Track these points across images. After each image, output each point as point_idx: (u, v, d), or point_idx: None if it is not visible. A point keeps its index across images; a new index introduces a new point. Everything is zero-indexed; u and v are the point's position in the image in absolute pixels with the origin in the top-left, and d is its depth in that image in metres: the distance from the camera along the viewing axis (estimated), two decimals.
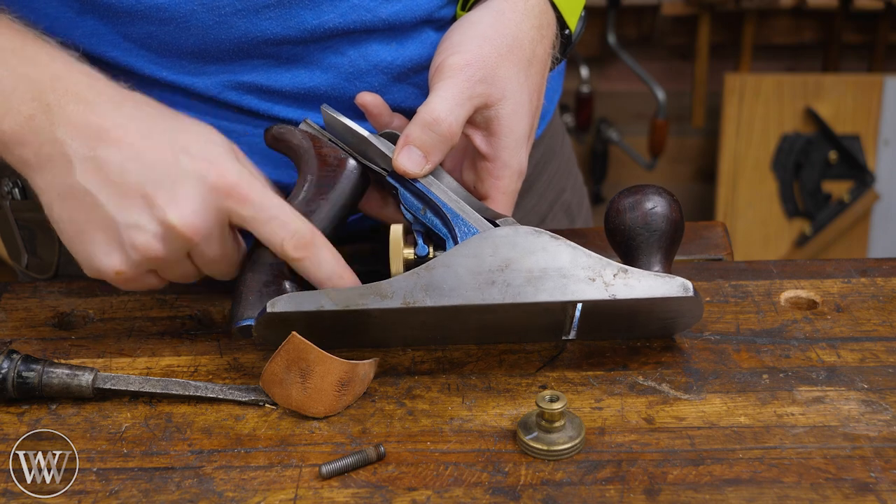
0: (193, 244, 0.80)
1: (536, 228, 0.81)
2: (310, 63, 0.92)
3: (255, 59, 0.91)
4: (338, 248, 0.89)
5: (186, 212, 0.78)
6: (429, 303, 0.80)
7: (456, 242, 0.83)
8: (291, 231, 0.81)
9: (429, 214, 0.85)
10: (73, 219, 0.80)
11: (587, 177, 3.11)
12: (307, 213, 0.85)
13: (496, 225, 0.84)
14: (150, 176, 0.79)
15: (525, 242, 0.80)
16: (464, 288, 0.80)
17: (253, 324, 0.83)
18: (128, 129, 0.80)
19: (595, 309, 0.82)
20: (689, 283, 0.80)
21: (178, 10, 0.86)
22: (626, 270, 0.80)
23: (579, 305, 0.82)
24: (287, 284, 0.84)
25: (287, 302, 0.80)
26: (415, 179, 0.85)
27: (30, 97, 0.80)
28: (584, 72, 2.97)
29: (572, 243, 0.80)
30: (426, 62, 0.94)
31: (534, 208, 1.17)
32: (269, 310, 0.80)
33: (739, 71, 2.90)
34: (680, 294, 0.79)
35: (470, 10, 0.93)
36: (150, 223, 0.79)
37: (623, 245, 0.84)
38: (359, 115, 0.92)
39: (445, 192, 0.85)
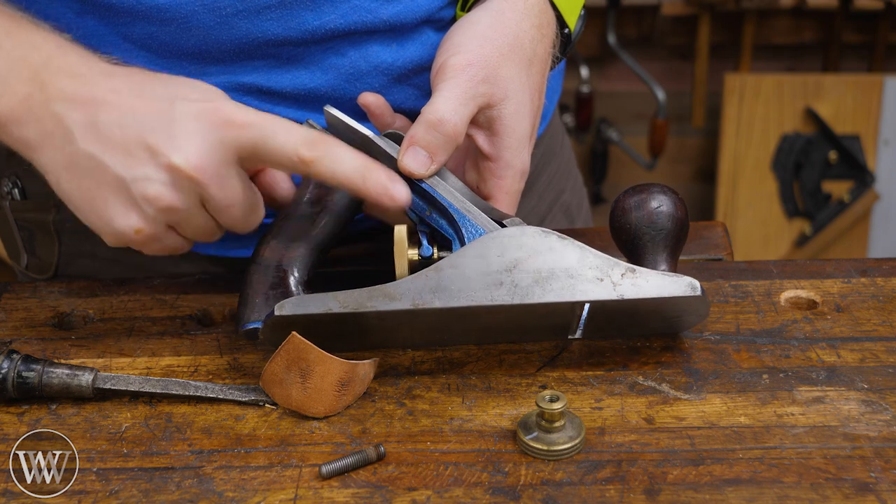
0: (204, 185, 0.79)
1: (544, 229, 0.81)
2: (310, 64, 0.92)
3: (256, 60, 0.91)
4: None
5: (190, 152, 0.78)
6: (437, 304, 0.80)
7: (462, 243, 0.83)
8: (300, 136, 0.79)
9: (434, 215, 0.85)
10: (82, 187, 0.80)
11: (587, 177, 3.11)
12: (312, 213, 0.85)
13: (503, 225, 0.84)
14: (149, 126, 0.78)
15: (532, 243, 0.80)
16: (472, 289, 0.80)
17: (260, 327, 0.83)
18: (121, 91, 0.80)
19: (602, 308, 0.82)
20: (696, 283, 0.80)
21: (178, 11, 0.86)
22: (634, 270, 0.80)
23: (587, 305, 0.82)
24: (293, 287, 0.84)
25: (295, 305, 0.80)
26: (420, 180, 0.85)
27: (25, 77, 0.80)
28: (584, 72, 2.97)
29: (580, 243, 0.80)
30: (426, 63, 0.94)
31: (533, 209, 1.17)
32: (276, 313, 0.80)
33: (739, 71, 2.90)
34: (688, 293, 0.80)
35: (469, 10, 0.93)
36: (158, 172, 0.78)
37: (628, 244, 0.84)
38: (360, 116, 0.92)
39: (451, 192, 0.85)
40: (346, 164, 0.79)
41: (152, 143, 0.78)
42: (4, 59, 0.81)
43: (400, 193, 0.80)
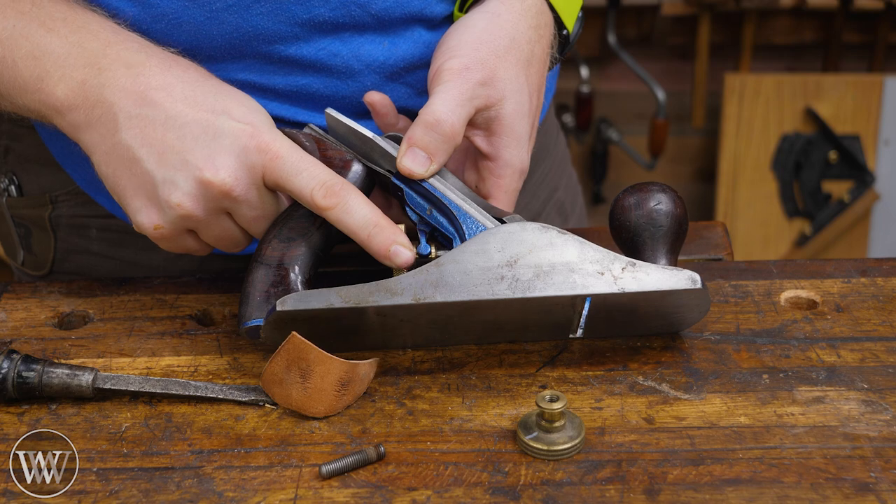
0: (229, 201, 0.82)
1: (544, 224, 0.81)
2: (303, 65, 0.92)
3: (248, 59, 0.91)
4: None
5: (221, 169, 0.80)
6: (438, 298, 0.80)
7: (463, 241, 0.83)
8: (320, 181, 0.82)
9: (435, 214, 0.85)
10: (117, 175, 0.83)
11: (587, 177, 3.11)
12: (313, 213, 0.85)
13: (503, 222, 0.84)
14: (189, 134, 0.81)
15: (532, 238, 0.81)
16: (473, 284, 0.80)
17: (262, 324, 0.83)
18: (173, 90, 0.82)
19: (603, 304, 0.82)
20: (696, 276, 0.80)
21: (168, 7, 0.86)
22: (635, 264, 0.80)
23: (588, 300, 0.82)
24: (294, 285, 0.84)
25: (297, 300, 0.80)
26: (420, 179, 0.85)
27: (83, 63, 0.83)
28: (584, 72, 2.97)
29: (580, 238, 0.81)
30: (418, 61, 0.94)
31: (527, 206, 1.17)
32: (278, 308, 0.80)
33: (739, 71, 2.90)
34: (688, 286, 0.80)
35: (467, 11, 0.93)
36: (186, 181, 0.81)
37: (628, 242, 0.85)
38: (355, 115, 0.92)
39: (451, 190, 0.85)
40: (355, 218, 0.82)
41: (188, 151, 0.81)
42: (62, 45, 0.83)
43: (399, 256, 0.82)
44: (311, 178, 0.82)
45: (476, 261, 0.81)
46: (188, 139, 0.81)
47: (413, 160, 0.84)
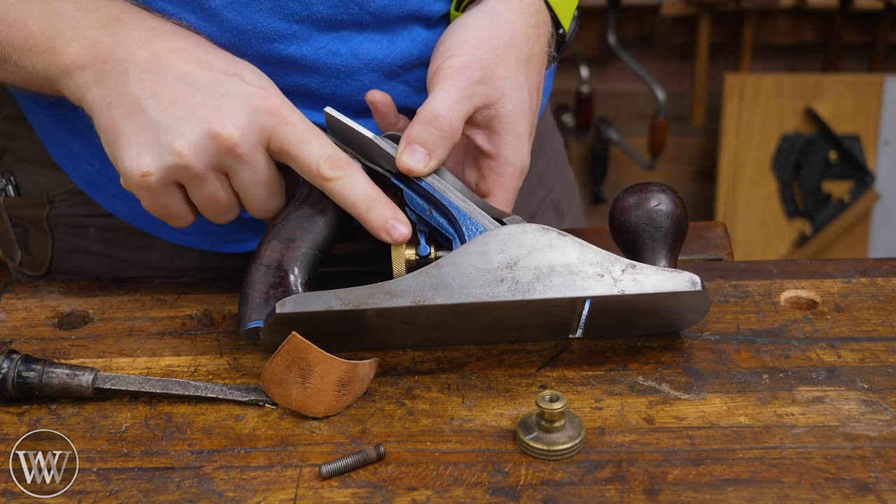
0: (232, 158, 0.81)
1: (544, 226, 0.81)
2: (302, 65, 0.92)
3: (247, 59, 0.91)
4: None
5: (229, 124, 0.80)
6: (438, 301, 0.80)
7: (463, 241, 0.83)
8: (327, 153, 0.82)
9: (434, 214, 0.85)
10: (116, 124, 0.82)
11: (588, 177, 3.11)
12: (313, 213, 0.85)
13: (503, 223, 0.84)
14: (200, 90, 0.81)
15: (532, 240, 0.81)
16: (473, 286, 0.80)
17: (261, 326, 0.83)
18: (186, 52, 0.83)
19: (603, 305, 0.82)
20: (696, 278, 0.80)
21: (166, 5, 0.86)
22: (635, 266, 0.80)
23: (588, 302, 0.82)
24: (294, 287, 0.84)
25: (296, 302, 0.80)
26: (420, 179, 0.85)
27: (97, 25, 0.83)
28: (584, 72, 2.97)
29: (580, 240, 0.81)
30: (416, 60, 0.95)
31: (523, 205, 1.17)
32: (278, 310, 0.80)
33: (739, 71, 2.90)
34: (688, 288, 0.80)
35: (465, 10, 0.93)
36: (192, 130, 0.80)
37: (628, 242, 0.85)
38: (353, 113, 0.92)
39: (451, 191, 0.85)
40: (357, 191, 0.83)
41: (198, 106, 0.81)
42: (76, 8, 0.84)
43: (398, 231, 0.83)
44: (318, 148, 0.82)
45: (476, 263, 0.81)
46: (199, 94, 0.81)
47: (412, 156, 0.84)
